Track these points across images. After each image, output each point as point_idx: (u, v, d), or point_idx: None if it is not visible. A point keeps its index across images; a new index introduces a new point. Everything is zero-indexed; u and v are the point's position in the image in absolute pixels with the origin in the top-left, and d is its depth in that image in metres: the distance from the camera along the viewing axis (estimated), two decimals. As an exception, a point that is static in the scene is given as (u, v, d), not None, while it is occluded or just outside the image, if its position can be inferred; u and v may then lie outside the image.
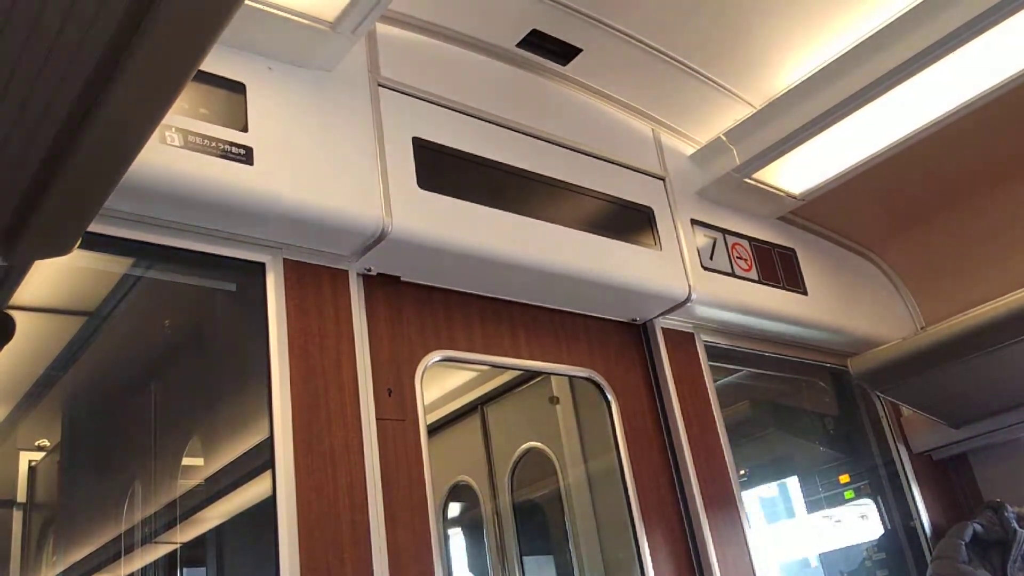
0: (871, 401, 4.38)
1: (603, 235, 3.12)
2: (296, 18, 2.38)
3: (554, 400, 3.84)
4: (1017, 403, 3.93)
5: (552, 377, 3.75)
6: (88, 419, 3.92)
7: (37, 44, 1.20)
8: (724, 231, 3.67)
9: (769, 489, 4.88)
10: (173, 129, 2.16)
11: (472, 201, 2.77)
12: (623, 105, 3.50)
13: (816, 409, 4.63)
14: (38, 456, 4.29)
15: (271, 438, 2.27)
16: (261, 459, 2.37)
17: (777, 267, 3.81)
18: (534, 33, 3.06)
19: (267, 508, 2.23)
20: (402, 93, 2.77)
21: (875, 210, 4.17)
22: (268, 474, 2.26)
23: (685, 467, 3.24)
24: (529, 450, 4.11)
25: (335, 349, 2.48)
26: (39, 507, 4.23)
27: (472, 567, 4.51)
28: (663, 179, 3.51)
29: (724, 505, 3.28)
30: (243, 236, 2.40)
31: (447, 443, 4.52)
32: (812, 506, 4.58)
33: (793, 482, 4.73)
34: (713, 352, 3.66)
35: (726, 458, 3.40)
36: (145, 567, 3.47)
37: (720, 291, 3.46)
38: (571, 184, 3.13)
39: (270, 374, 2.34)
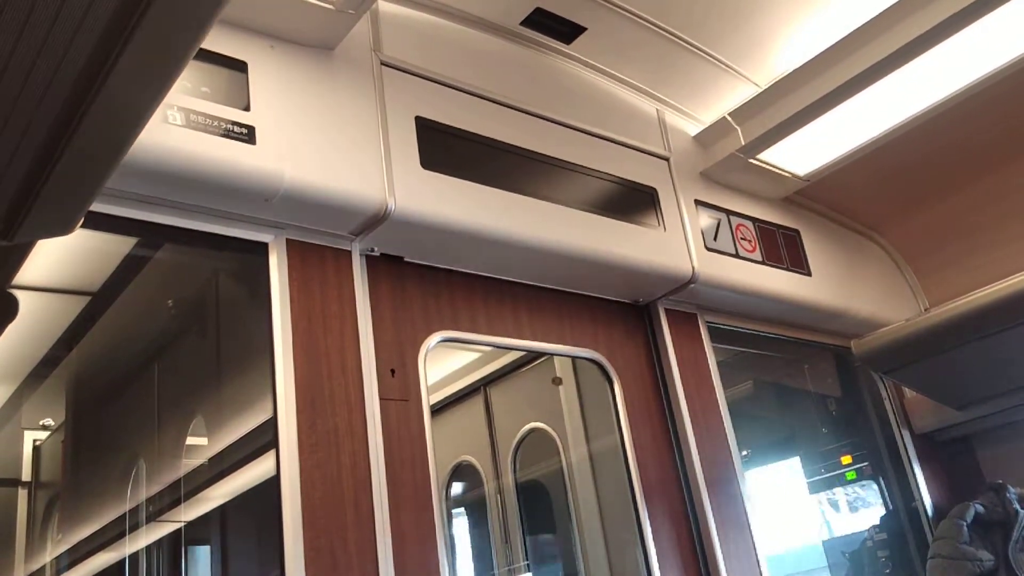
0: (874, 382, 4.38)
1: (606, 215, 3.11)
2: (298, -4, 2.36)
3: (557, 381, 3.85)
4: (1021, 385, 3.92)
5: (555, 358, 3.76)
6: (92, 399, 3.93)
7: (38, 23, 1.19)
8: (728, 212, 3.65)
9: (771, 469, 4.89)
10: (175, 108, 2.15)
11: (475, 181, 2.75)
12: (627, 84, 3.48)
13: (819, 390, 4.64)
14: (43, 435, 4.32)
15: (275, 418, 2.28)
16: (265, 439, 2.38)
17: (781, 248, 3.80)
18: (538, 11, 3.03)
19: (271, 487, 2.24)
20: (405, 72, 2.75)
21: (880, 191, 4.15)
22: (272, 454, 2.27)
23: (687, 447, 3.25)
24: (532, 430, 4.12)
25: (338, 329, 2.47)
26: (44, 486, 4.26)
27: (475, 546, 4.53)
28: (667, 159, 3.49)
29: (726, 485, 3.29)
30: (246, 216, 2.39)
31: (450, 423, 4.54)
32: (814, 487, 4.59)
33: (795, 462, 4.74)
34: (716, 333, 3.65)
35: (728, 438, 3.40)
36: (149, 546, 3.49)
37: (724, 272, 3.45)
38: (575, 164, 3.12)
39: (273, 354, 2.34)
